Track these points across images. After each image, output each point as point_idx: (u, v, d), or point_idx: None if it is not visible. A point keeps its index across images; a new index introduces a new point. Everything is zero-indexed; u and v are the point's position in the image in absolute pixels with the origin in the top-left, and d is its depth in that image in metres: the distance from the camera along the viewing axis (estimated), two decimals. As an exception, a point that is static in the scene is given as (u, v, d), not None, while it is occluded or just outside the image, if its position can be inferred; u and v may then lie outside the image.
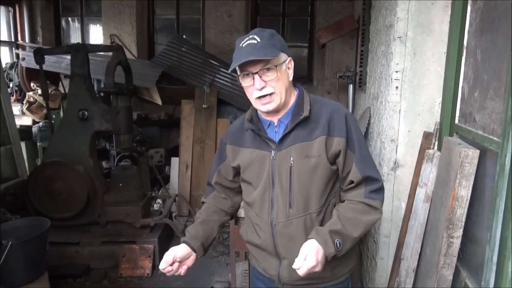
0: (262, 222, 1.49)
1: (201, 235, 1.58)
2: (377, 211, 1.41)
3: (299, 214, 1.42)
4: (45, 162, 3.61)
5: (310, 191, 1.41)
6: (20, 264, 2.33)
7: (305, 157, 1.40)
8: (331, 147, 1.39)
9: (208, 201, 1.71)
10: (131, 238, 3.60)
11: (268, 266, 1.54)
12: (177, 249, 1.50)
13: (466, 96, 2.01)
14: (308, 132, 1.41)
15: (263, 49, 1.33)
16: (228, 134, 1.61)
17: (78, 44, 3.81)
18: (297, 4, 6.35)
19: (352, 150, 1.40)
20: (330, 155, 1.39)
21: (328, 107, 1.43)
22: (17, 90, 5.65)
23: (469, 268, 1.81)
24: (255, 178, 1.49)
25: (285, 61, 1.40)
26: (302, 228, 1.42)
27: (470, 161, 1.74)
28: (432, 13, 2.23)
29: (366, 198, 1.40)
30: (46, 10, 6.52)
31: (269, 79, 1.36)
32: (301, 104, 1.44)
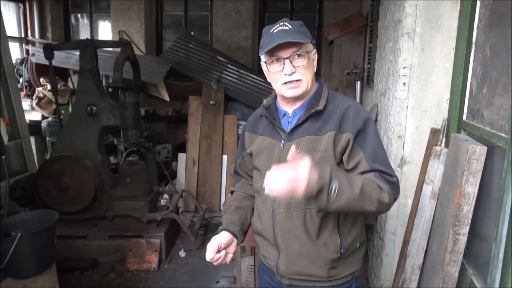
0: (265, 211, 1.49)
1: (237, 221, 1.57)
2: (384, 192, 1.30)
3: (299, 207, 1.40)
4: (54, 157, 3.66)
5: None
6: (28, 256, 2.36)
7: (311, 150, 1.37)
8: (338, 143, 1.36)
9: (236, 189, 1.70)
10: (138, 232, 3.63)
11: (269, 256, 1.54)
12: (219, 237, 1.48)
13: (474, 93, 1.99)
14: (320, 126, 1.39)
15: (296, 34, 1.34)
16: (248, 122, 1.63)
17: (87, 40, 3.84)
18: (305, 1, 6.33)
19: (360, 146, 1.36)
20: (338, 152, 1.36)
21: (344, 104, 1.42)
22: (27, 85, 5.71)
23: (475, 265, 1.80)
24: (264, 166, 1.47)
25: (312, 51, 1.41)
26: (301, 223, 1.40)
27: (477, 157, 1.73)
28: (441, 9, 2.21)
29: (375, 178, 1.31)
30: (55, 6, 6.57)
31: (299, 65, 1.36)
32: (318, 98, 1.44)
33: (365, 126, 1.38)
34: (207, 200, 4.91)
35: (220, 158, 4.99)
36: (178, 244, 3.99)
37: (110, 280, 3.35)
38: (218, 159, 4.99)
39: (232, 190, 1.74)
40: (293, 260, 1.45)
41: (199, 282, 3.36)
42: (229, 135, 5.07)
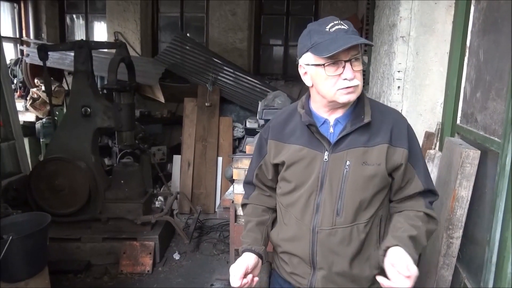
0: (303, 227, 1.35)
1: (260, 239, 1.44)
2: (435, 221, 1.36)
3: (346, 223, 1.30)
4: (48, 158, 3.63)
5: (363, 200, 1.30)
6: (20, 259, 2.34)
7: (362, 163, 1.28)
8: (392, 156, 1.29)
9: (251, 201, 1.55)
10: (132, 234, 3.61)
11: (300, 274, 1.39)
12: (245, 260, 1.34)
13: (468, 97, 2.00)
14: (368, 138, 1.29)
15: (357, 36, 1.23)
16: (271, 128, 1.45)
17: (81, 40, 3.83)
18: (301, 3, 6.33)
19: (412, 162, 1.31)
20: (390, 165, 1.29)
21: (389, 114, 1.36)
22: (21, 86, 5.67)
23: (469, 268, 1.80)
24: (300, 178, 1.35)
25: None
26: (348, 240, 1.30)
27: (471, 161, 1.74)
28: (435, 13, 2.23)
29: (426, 208, 1.33)
30: (50, 6, 6.54)
31: (357, 69, 1.25)
32: (362, 106, 1.33)
33: (415, 140, 1.36)
34: (202, 202, 4.90)
35: (215, 160, 4.98)
36: (173, 247, 3.97)
37: (103, 283, 3.33)
38: (213, 161, 4.98)
39: (245, 202, 1.58)
40: (332, 279, 1.35)
41: (194, 284, 3.35)
42: (224, 137, 5.06)
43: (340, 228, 1.30)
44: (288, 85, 5.95)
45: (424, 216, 1.32)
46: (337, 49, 1.18)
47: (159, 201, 4.67)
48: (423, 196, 1.35)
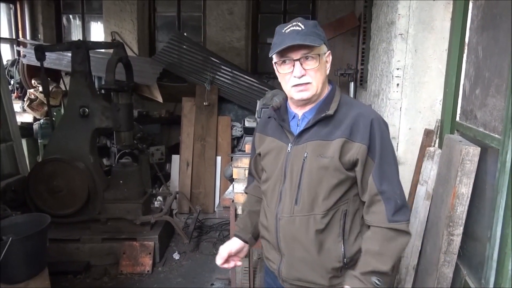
0: (270, 214, 1.46)
1: (249, 227, 1.61)
2: (404, 234, 1.31)
3: (303, 213, 1.36)
4: (46, 159, 3.61)
5: (318, 191, 1.34)
6: (20, 260, 2.33)
7: (318, 156, 1.33)
8: (349, 151, 1.31)
9: (249, 191, 1.70)
10: (132, 235, 3.60)
11: (272, 259, 1.50)
12: (231, 244, 1.58)
13: (467, 94, 2.00)
14: (329, 132, 1.34)
15: (308, 36, 1.29)
16: (259, 122, 1.61)
17: (78, 41, 3.81)
18: (298, 2, 6.33)
19: (372, 159, 1.31)
20: (347, 160, 1.32)
21: (355, 110, 1.36)
22: (18, 87, 5.65)
23: (470, 266, 1.80)
24: (270, 168, 1.46)
25: (325, 53, 1.37)
26: (305, 228, 1.36)
27: (471, 158, 1.74)
28: (434, 10, 2.22)
29: (390, 223, 1.30)
30: (47, 7, 6.51)
31: (309, 67, 1.32)
32: (329, 102, 1.38)
33: (381, 139, 1.32)
34: (201, 202, 4.89)
35: (214, 159, 4.98)
36: (172, 247, 3.97)
37: (103, 284, 3.32)
38: (212, 161, 4.97)
39: (245, 191, 1.76)
40: (294, 265, 1.41)
41: (194, 284, 3.34)
42: (223, 136, 5.06)
43: (298, 216, 1.37)
44: (286, 83, 5.94)
45: (389, 232, 1.30)
46: (276, 49, 1.31)
47: (158, 201, 4.67)
48: (385, 207, 1.31)
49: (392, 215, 1.29)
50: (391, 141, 1.38)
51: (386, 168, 1.32)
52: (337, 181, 1.33)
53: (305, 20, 1.35)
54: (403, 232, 1.30)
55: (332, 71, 4.62)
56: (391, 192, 1.31)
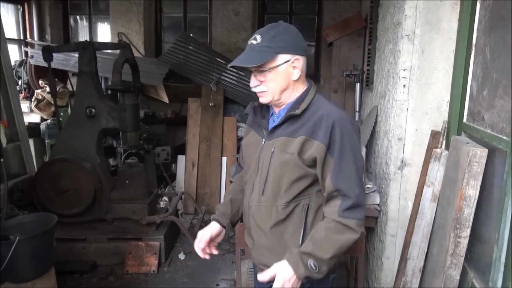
0: (245, 202, 1.59)
1: (229, 213, 1.69)
2: (351, 231, 1.36)
3: (267, 203, 1.48)
4: (52, 159, 3.64)
5: (281, 184, 1.45)
6: (27, 259, 2.34)
7: (282, 151, 1.44)
8: (309, 149, 1.39)
9: (234, 180, 1.80)
10: (137, 235, 3.61)
11: (248, 244, 1.63)
12: (210, 228, 1.65)
13: (475, 95, 1.98)
14: (295, 130, 1.43)
15: (255, 54, 1.40)
16: (249, 116, 1.70)
17: (85, 42, 3.83)
18: (304, 2, 6.32)
19: (331, 158, 1.38)
20: (306, 157, 1.40)
21: (322, 110, 1.42)
22: (26, 87, 5.69)
23: (477, 268, 1.79)
24: (249, 160, 1.60)
25: (287, 61, 1.42)
26: (268, 217, 1.48)
27: (478, 160, 1.73)
28: (441, 11, 2.21)
29: (340, 217, 1.36)
30: (54, 8, 6.56)
31: (262, 79, 1.44)
32: (300, 102, 1.46)
33: (342, 139, 1.37)
34: (207, 202, 4.90)
35: (219, 160, 4.98)
36: (178, 247, 3.98)
37: (109, 283, 3.33)
38: (218, 161, 4.98)
39: (230, 179, 1.87)
40: (261, 251, 1.54)
41: (199, 285, 3.35)
42: (228, 137, 5.06)
43: (264, 206, 1.49)
44: (292, 84, 5.93)
45: (337, 225, 1.36)
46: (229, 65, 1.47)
47: (164, 201, 4.68)
48: (340, 199, 1.38)
49: (344, 211, 1.37)
50: (355, 143, 1.42)
51: (344, 167, 1.38)
52: (297, 176, 1.43)
53: (268, 30, 1.43)
54: (350, 228, 1.36)
55: (338, 71, 4.63)
56: (347, 190, 1.37)
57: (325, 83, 5.97)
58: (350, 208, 1.36)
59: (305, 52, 1.46)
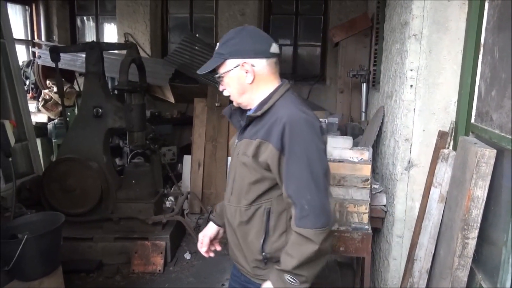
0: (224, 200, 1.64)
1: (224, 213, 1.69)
2: (309, 241, 1.30)
3: (233, 203, 1.52)
4: (60, 159, 3.66)
5: (242, 187, 1.47)
6: (35, 258, 2.36)
7: (243, 153, 1.45)
8: (263, 153, 1.38)
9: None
10: (144, 234, 3.63)
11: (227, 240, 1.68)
12: (208, 229, 1.75)
13: (483, 95, 1.97)
14: (255, 132, 1.43)
15: (211, 61, 1.49)
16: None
17: (93, 42, 3.86)
18: (310, 3, 6.31)
19: (284, 163, 1.35)
20: (262, 160, 1.39)
21: (279, 113, 1.39)
22: (33, 87, 5.74)
23: (485, 270, 1.78)
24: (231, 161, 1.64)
25: (237, 66, 1.43)
26: (234, 218, 1.52)
27: (486, 161, 1.71)
28: (449, 11, 2.20)
29: (296, 227, 1.33)
30: (61, 9, 6.61)
31: (224, 84, 1.51)
32: (264, 103, 1.44)
33: (293, 142, 1.33)
34: (212, 202, 4.90)
35: (225, 160, 4.98)
36: (184, 247, 3.98)
37: (115, 282, 3.35)
38: (223, 161, 4.98)
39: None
40: (232, 249, 1.61)
41: (205, 284, 3.35)
42: (234, 137, 5.06)
43: (232, 205, 1.53)
44: (298, 84, 5.93)
45: (298, 237, 1.33)
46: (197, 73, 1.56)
47: (170, 201, 4.69)
48: (295, 210, 1.33)
49: (299, 220, 1.32)
50: (310, 145, 1.35)
51: (294, 172, 1.33)
52: (255, 179, 1.43)
53: (226, 36, 1.48)
54: (308, 239, 1.30)
55: (345, 72, 4.62)
56: (297, 197, 1.32)
57: (331, 84, 5.96)
58: (304, 216, 1.31)
59: (259, 55, 1.43)
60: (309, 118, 1.38)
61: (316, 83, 5.99)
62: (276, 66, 1.48)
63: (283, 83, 1.50)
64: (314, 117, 1.42)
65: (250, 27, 1.51)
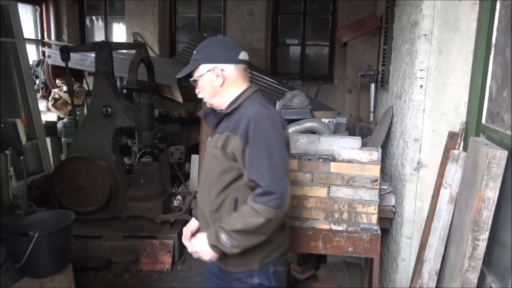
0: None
1: None
2: (257, 215, 1.48)
3: (205, 193, 1.69)
4: (69, 157, 3.70)
5: (212, 176, 1.64)
6: (45, 255, 2.38)
7: (214, 147, 1.63)
8: (230, 144, 1.56)
9: None
10: (152, 233, 3.65)
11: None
12: (190, 225, 1.90)
13: (494, 95, 1.95)
14: (225, 127, 1.61)
15: (188, 66, 1.67)
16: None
17: (102, 42, 3.89)
18: (318, 2, 6.30)
19: (247, 153, 1.52)
20: (229, 151, 1.57)
21: (246, 110, 1.57)
22: (43, 87, 5.80)
23: (495, 272, 1.76)
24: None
25: (208, 70, 1.62)
26: (205, 207, 1.68)
27: (497, 162, 1.70)
28: (459, 10, 2.18)
29: (251, 201, 1.51)
30: (71, 9, 6.67)
31: (197, 87, 1.69)
32: (233, 103, 1.63)
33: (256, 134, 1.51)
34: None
35: (232, 159, 4.99)
36: (191, 245, 3.99)
37: (124, 280, 3.37)
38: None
39: None
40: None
41: (212, 283, 3.36)
42: (241, 136, 5.06)
43: (204, 195, 1.69)
44: (305, 84, 5.93)
45: (249, 209, 1.51)
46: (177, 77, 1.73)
47: (178, 200, 4.71)
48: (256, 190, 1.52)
49: (255, 196, 1.51)
50: (271, 137, 1.54)
51: (256, 159, 1.52)
52: (222, 169, 1.60)
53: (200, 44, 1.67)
54: (257, 212, 1.49)
55: (353, 72, 4.61)
56: (259, 179, 1.50)
57: (339, 84, 5.94)
58: (261, 194, 1.49)
59: (228, 61, 1.62)
60: (271, 114, 1.61)
61: (324, 83, 5.98)
62: (244, 71, 1.68)
63: (250, 86, 1.69)
64: (277, 113, 1.66)
65: (222, 36, 1.79)
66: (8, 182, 2.67)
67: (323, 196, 2.30)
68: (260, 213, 1.48)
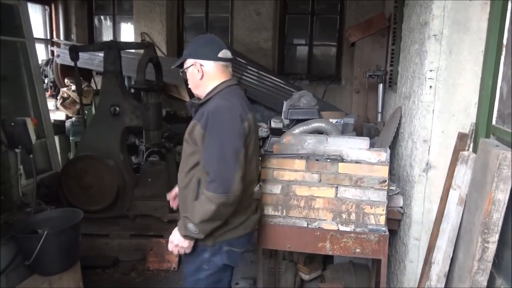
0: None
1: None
2: (209, 201, 1.69)
3: (180, 171, 1.91)
4: (77, 156, 3.73)
5: (184, 157, 1.88)
6: (54, 253, 2.40)
7: (187, 132, 1.84)
8: (195, 131, 1.78)
9: None
10: (159, 232, 3.66)
11: None
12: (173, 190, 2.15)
13: (505, 96, 1.94)
14: (198, 116, 1.81)
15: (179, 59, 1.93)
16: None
17: (111, 41, 3.91)
18: (326, 2, 6.29)
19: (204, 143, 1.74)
20: (193, 137, 1.79)
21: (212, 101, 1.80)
22: (52, 86, 5.85)
23: (506, 275, 1.74)
24: None
25: (191, 65, 1.85)
26: (179, 182, 1.91)
27: (508, 163, 1.68)
28: (470, 11, 2.16)
29: (205, 190, 1.72)
30: (80, 8, 6.72)
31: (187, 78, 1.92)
32: (209, 94, 1.85)
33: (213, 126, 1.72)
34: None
35: (239, 159, 4.99)
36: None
37: (131, 279, 3.39)
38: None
39: None
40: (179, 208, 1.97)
41: (218, 283, 3.36)
42: (248, 136, 5.06)
43: (180, 173, 1.91)
44: (313, 84, 5.92)
45: (203, 197, 1.72)
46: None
47: (184, 199, 4.72)
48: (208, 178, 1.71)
49: (207, 184, 1.71)
50: (225, 127, 1.73)
51: (209, 148, 1.73)
52: (189, 152, 1.83)
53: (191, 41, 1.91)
54: (209, 200, 1.69)
55: (361, 72, 4.59)
56: (209, 167, 1.72)
57: (347, 84, 5.92)
58: (210, 182, 1.70)
59: (208, 58, 1.84)
60: (232, 106, 1.77)
61: (331, 83, 5.97)
62: (224, 68, 1.89)
63: (227, 80, 1.88)
64: (239, 107, 1.79)
65: (208, 35, 2.01)
66: (18, 180, 2.68)
67: (331, 197, 2.29)
68: (211, 200, 1.68)
